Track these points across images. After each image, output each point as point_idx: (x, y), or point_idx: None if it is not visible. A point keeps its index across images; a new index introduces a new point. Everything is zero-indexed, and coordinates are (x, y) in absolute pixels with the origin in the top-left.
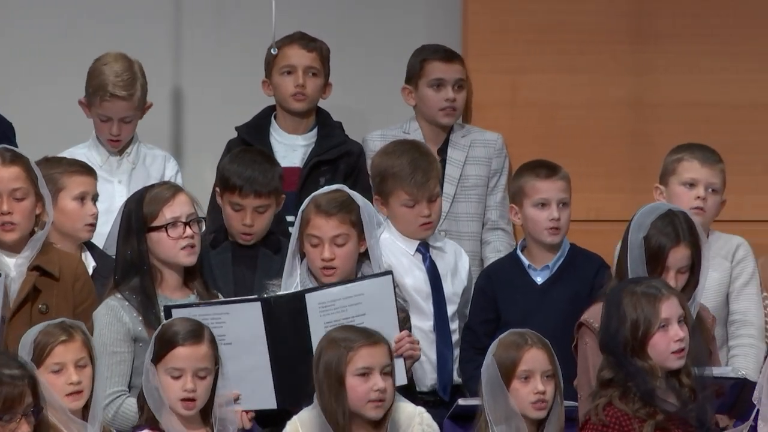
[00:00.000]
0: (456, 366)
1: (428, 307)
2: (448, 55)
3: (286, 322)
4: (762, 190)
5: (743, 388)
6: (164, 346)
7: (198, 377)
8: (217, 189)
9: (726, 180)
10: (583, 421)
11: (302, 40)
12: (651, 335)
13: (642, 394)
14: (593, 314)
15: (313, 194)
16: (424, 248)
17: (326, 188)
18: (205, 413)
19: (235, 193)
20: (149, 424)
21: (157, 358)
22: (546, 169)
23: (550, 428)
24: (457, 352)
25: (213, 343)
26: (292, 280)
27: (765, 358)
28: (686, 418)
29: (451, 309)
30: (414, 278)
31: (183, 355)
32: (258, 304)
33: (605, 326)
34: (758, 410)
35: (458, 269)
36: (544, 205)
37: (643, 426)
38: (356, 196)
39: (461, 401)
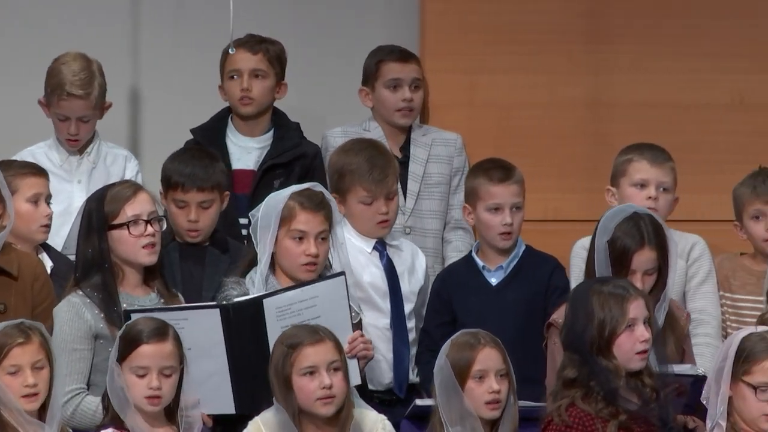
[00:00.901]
0: (413, 365)
1: (385, 304)
2: (403, 56)
3: (245, 328)
4: (717, 190)
5: (703, 385)
6: (129, 344)
7: (163, 375)
8: (161, 190)
9: (677, 178)
10: (546, 422)
11: (248, 43)
12: (617, 335)
13: (605, 394)
14: (562, 314)
15: (289, 191)
16: (381, 246)
17: (305, 185)
18: (170, 413)
19: (178, 189)
20: (114, 423)
21: (121, 357)
22: (500, 171)
23: (505, 428)
24: (414, 350)
25: (177, 341)
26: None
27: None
28: (648, 417)
29: (408, 307)
30: (371, 275)
31: (148, 353)
32: (217, 310)
33: (570, 325)
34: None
35: (415, 268)
36: (497, 209)
37: (606, 426)
38: (328, 194)
39: (418, 402)
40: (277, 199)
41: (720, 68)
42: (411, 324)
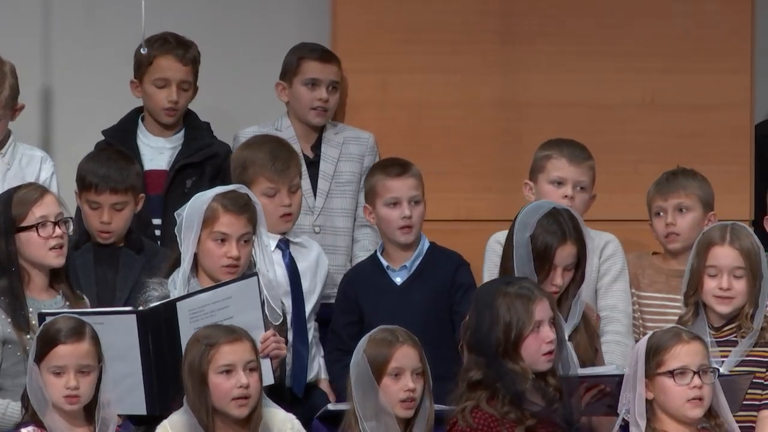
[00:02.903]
0: (313, 364)
1: (287, 303)
2: (324, 56)
3: (159, 332)
4: (632, 190)
5: None
6: (46, 344)
7: (81, 374)
8: (76, 190)
9: (595, 176)
10: (451, 424)
11: (178, 49)
12: (524, 337)
13: (512, 396)
14: None
15: (214, 192)
16: (284, 244)
17: (229, 187)
18: (90, 411)
19: (92, 190)
20: (35, 421)
21: (39, 358)
22: (397, 167)
23: (419, 427)
24: (313, 351)
25: (95, 340)
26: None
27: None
28: (553, 418)
29: (308, 307)
30: (274, 274)
31: (65, 352)
32: (133, 315)
33: (475, 327)
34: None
35: (319, 267)
36: (395, 203)
37: (511, 429)
38: (254, 198)
39: (330, 407)
40: (202, 200)
41: (632, 68)
42: (310, 324)
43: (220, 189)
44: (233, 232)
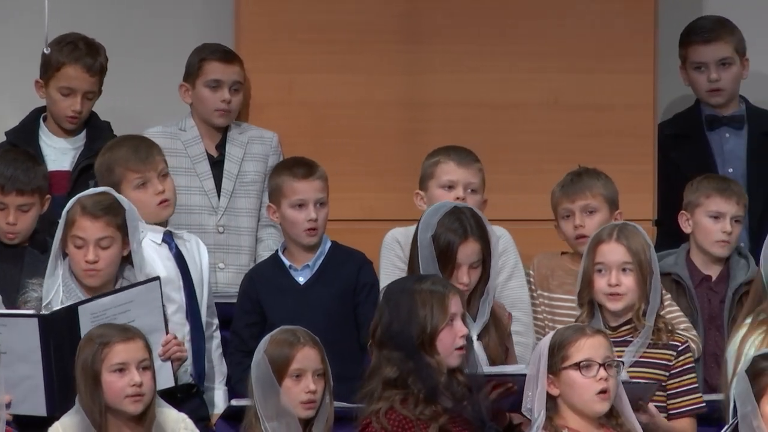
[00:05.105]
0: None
1: (180, 297)
2: (226, 57)
3: (61, 335)
4: (536, 189)
5: None
6: None
7: None
8: None
9: (485, 179)
10: (363, 425)
11: (87, 58)
12: (439, 330)
13: (427, 392)
14: None
15: (78, 195)
16: (169, 237)
17: (92, 190)
18: None
19: None
20: None
21: None
22: (303, 168)
23: (319, 427)
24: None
25: None
26: (53, 281)
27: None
28: (464, 414)
29: (199, 297)
30: (166, 269)
31: None
32: (35, 319)
33: (388, 324)
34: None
35: (201, 259)
36: (301, 205)
37: (426, 430)
38: (122, 199)
39: (234, 402)
40: (69, 203)
41: (536, 68)
42: (214, 321)
43: (89, 191)
44: (89, 236)
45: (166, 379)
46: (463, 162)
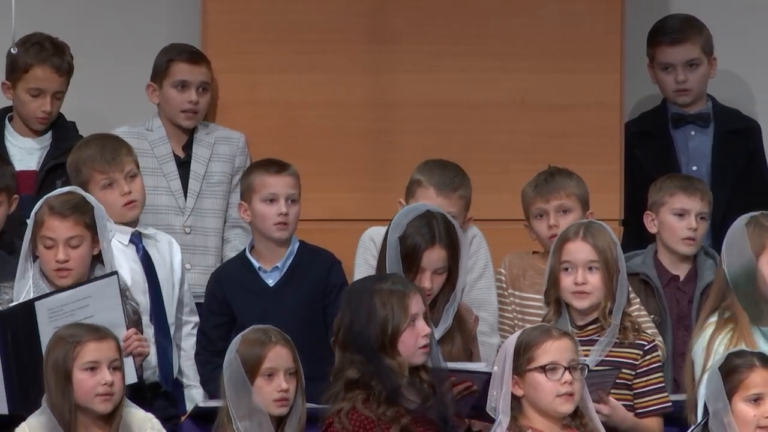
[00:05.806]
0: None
1: (145, 299)
2: (194, 57)
3: (18, 331)
4: (500, 189)
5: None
6: None
7: None
8: None
9: (470, 201)
10: (326, 425)
11: (54, 57)
12: (401, 332)
13: (388, 393)
14: None
15: (46, 196)
16: (137, 238)
17: (60, 190)
18: None
19: None
20: None
21: None
22: (276, 165)
23: (291, 425)
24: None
25: None
26: (24, 283)
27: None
28: (428, 414)
29: (166, 299)
30: (131, 272)
31: None
32: None
33: (349, 324)
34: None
35: (172, 259)
36: (272, 200)
37: (389, 430)
38: (90, 198)
39: (201, 404)
40: (37, 204)
41: (502, 68)
42: (171, 319)
43: (56, 191)
44: (58, 235)
45: (129, 376)
46: (443, 191)
